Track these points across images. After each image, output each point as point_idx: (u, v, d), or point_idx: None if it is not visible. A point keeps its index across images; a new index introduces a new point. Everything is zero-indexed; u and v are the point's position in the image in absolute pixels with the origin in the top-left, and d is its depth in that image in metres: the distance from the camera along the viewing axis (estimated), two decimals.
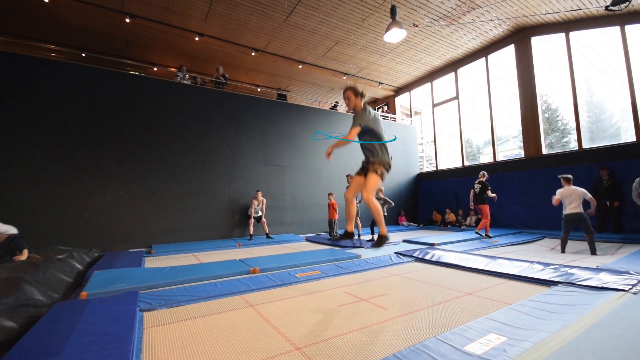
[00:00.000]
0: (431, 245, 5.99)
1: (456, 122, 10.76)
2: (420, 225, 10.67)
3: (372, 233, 7.18)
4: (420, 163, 12.55)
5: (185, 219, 7.32)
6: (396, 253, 5.18)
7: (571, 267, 3.60)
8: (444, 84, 11.41)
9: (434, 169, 11.82)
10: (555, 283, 3.16)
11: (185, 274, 3.91)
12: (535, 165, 8.40)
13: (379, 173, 2.95)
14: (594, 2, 6.68)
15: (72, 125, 6.35)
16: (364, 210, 8.69)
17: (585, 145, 7.71)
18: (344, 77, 11.41)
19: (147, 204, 6.95)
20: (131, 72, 8.03)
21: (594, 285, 2.93)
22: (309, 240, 7.81)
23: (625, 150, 6.84)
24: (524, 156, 8.86)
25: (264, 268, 4.22)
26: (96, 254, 5.37)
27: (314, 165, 9.46)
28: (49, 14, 7.56)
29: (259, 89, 11.81)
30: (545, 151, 8.46)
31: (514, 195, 8.67)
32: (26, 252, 3.79)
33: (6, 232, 3.90)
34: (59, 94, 6.29)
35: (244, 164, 8.27)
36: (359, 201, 6.87)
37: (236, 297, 3.15)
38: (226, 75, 9.25)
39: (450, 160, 11.52)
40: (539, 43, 8.64)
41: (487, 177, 7.10)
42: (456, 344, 1.86)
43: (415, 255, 4.92)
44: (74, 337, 1.95)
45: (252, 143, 8.46)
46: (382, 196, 6.76)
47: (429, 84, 11.75)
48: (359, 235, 7.42)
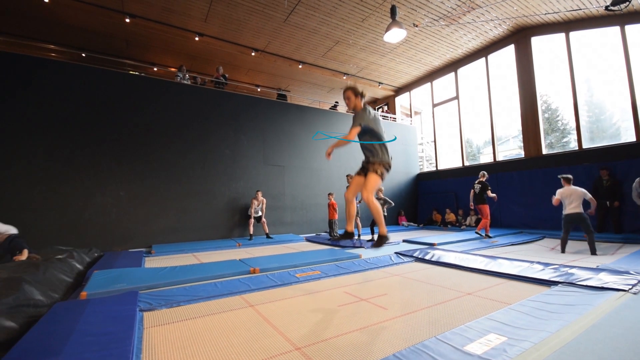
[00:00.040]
0: (431, 245, 5.99)
1: (456, 122, 10.76)
2: (420, 225, 10.67)
3: (372, 233, 7.18)
4: (420, 163, 12.55)
5: (185, 219, 7.32)
6: (396, 253, 5.18)
7: (571, 267, 3.60)
8: (444, 84, 11.41)
9: (434, 169, 11.82)
10: (555, 283, 3.16)
11: (185, 274, 3.91)
12: (535, 165, 8.40)
13: (379, 173, 2.95)
14: (594, 2, 6.68)
15: (72, 125, 6.36)
16: (364, 210, 8.69)
17: (585, 145, 7.71)
18: (344, 77, 11.41)
19: (147, 204, 6.95)
20: (131, 72, 8.03)
21: (594, 285, 2.93)
22: (309, 240, 7.81)
23: (625, 150, 6.85)
24: (524, 156, 8.86)
25: (264, 268, 4.22)
26: (96, 254, 5.37)
27: (314, 165, 9.47)
28: (49, 14, 7.56)
29: (259, 89, 11.81)
30: (545, 151, 8.47)
31: (514, 195, 8.67)
32: (26, 252, 3.79)
33: (6, 232, 3.91)
34: (59, 94, 6.29)
35: (244, 164, 8.27)
36: (359, 201, 6.87)
37: (236, 297, 3.15)
38: (226, 75, 9.25)
39: (450, 160, 11.52)
40: (539, 43, 8.64)
41: (487, 177, 7.11)
42: (456, 344, 1.86)
43: (415, 255, 4.92)
44: (74, 337, 1.96)
45: (252, 143, 8.46)
46: (382, 196, 6.76)
47: (429, 84, 11.75)
48: (359, 235, 7.42)
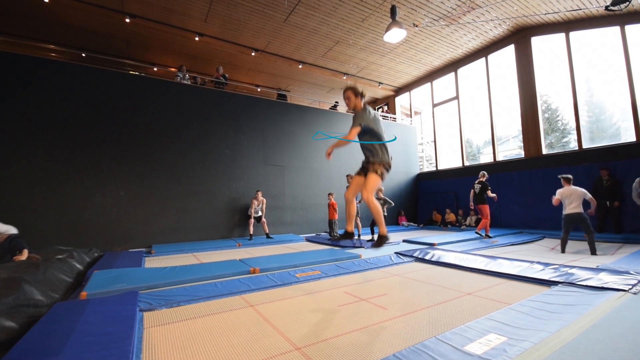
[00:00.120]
0: (431, 245, 5.99)
1: (456, 122, 10.76)
2: (420, 225, 10.67)
3: (372, 233, 7.18)
4: (420, 163, 12.55)
5: (185, 219, 7.32)
6: (396, 253, 5.18)
7: (571, 267, 3.60)
8: (444, 84, 11.41)
9: (434, 169, 11.82)
10: (555, 283, 3.16)
11: (185, 274, 3.91)
12: (535, 165, 8.40)
13: (379, 173, 2.95)
14: (594, 2, 6.68)
15: (72, 125, 6.36)
16: (364, 210, 8.69)
17: (585, 145, 7.71)
18: (344, 77, 11.41)
19: (147, 204, 6.95)
20: (131, 72, 8.03)
21: (594, 285, 2.93)
22: (309, 240, 7.81)
23: (625, 150, 6.84)
24: (524, 156, 8.86)
25: (264, 268, 4.22)
26: (96, 254, 5.37)
27: (314, 165, 9.46)
28: (49, 14, 7.56)
29: (259, 89, 11.81)
30: (545, 151, 8.46)
31: (514, 195, 8.67)
32: (26, 252, 3.79)
33: (6, 232, 3.91)
34: (59, 94, 6.29)
35: (244, 164, 8.27)
36: (359, 201, 6.87)
37: (236, 297, 3.15)
38: (226, 75, 9.25)
39: (450, 160, 11.51)
40: (539, 43, 8.64)
41: (487, 177, 7.11)
42: (456, 344, 1.86)
43: (415, 255, 4.92)
44: (74, 337, 1.96)
45: (252, 143, 8.46)
46: (382, 196, 6.76)
47: (429, 84, 11.75)
48: (359, 235, 7.42)
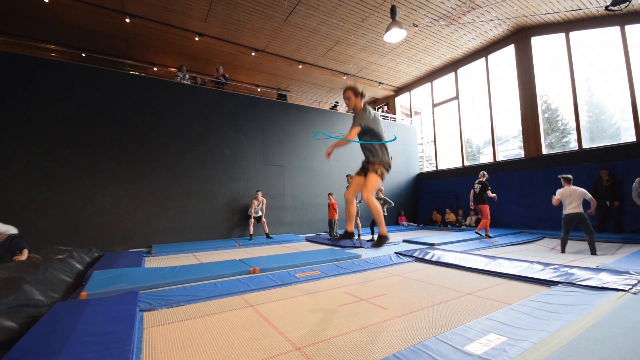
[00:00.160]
0: (431, 245, 5.99)
1: (456, 122, 10.76)
2: (420, 225, 10.67)
3: (372, 233, 7.18)
4: (420, 163, 12.55)
5: (185, 219, 7.32)
6: (396, 253, 5.18)
7: (571, 267, 3.60)
8: (444, 84, 11.40)
9: (434, 169, 11.82)
10: (555, 283, 3.16)
11: (185, 274, 3.91)
12: (535, 165, 8.40)
13: (379, 173, 2.95)
14: (594, 2, 6.68)
15: (72, 125, 6.36)
16: (364, 210, 8.69)
17: (585, 145, 7.71)
18: (344, 77, 11.41)
19: (147, 204, 6.95)
20: (131, 72, 8.03)
21: (594, 285, 2.93)
22: (309, 240, 7.81)
23: (625, 150, 6.84)
24: (524, 156, 8.86)
25: (264, 268, 4.22)
26: (96, 254, 5.37)
27: (314, 165, 9.46)
28: (49, 14, 7.56)
29: (259, 89, 11.81)
30: (545, 151, 8.46)
31: (514, 195, 8.67)
32: (26, 252, 3.79)
33: (6, 232, 3.90)
34: (59, 94, 6.29)
35: (244, 164, 8.27)
36: (359, 201, 6.87)
37: (236, 297, 3.15)
38: (226, 75, 9.25)
39: (450, 160, 11.51)
40: (539, 43, 8.64)
41: (487, 177, 7.10)
42: (456, 344, 1.86)
43: (415, 255, 4.92)
44: (74, 337, 1.95)
45: (252, 143, 8.46)
46: (382, 196, 6.76)
47: (429, 84, 11.75)
48: (359, 235, 7.42)
